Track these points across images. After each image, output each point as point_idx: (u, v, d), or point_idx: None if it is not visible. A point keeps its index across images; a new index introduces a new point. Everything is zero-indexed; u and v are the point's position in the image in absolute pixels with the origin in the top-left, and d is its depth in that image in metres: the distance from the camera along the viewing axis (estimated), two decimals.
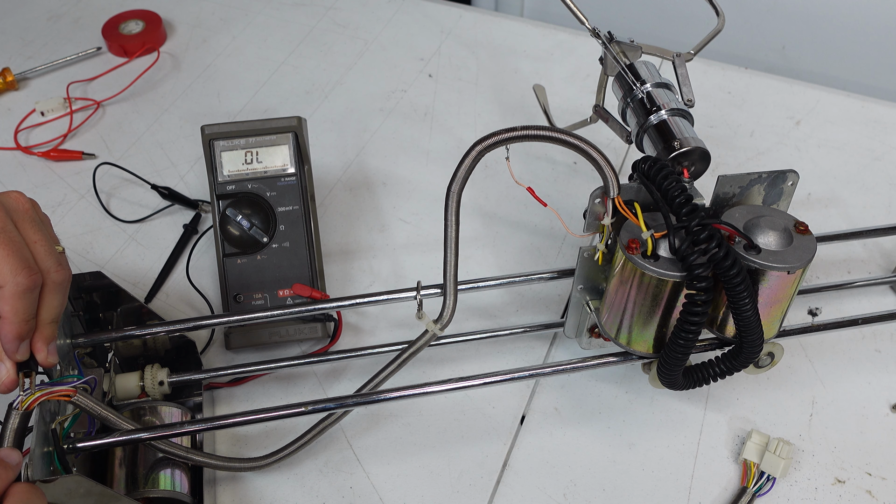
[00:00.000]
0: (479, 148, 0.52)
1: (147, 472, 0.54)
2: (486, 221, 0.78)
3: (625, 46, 0.66)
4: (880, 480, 0.61)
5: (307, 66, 0.95)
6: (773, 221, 0.53)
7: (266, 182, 0.67)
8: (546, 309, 0.71)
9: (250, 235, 0.66)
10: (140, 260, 0.74)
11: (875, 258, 0.76)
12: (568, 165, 0.84)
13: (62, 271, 0.49)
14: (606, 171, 0.51)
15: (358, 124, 0.88)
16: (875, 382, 0.66)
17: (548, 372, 0.58)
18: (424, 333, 0.58)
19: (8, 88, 0.91)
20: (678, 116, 0.61)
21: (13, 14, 1.02)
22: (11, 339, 0.47)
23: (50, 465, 0.48)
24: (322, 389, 0.65)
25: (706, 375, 0.56)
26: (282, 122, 0.67)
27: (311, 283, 0.66)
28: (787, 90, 0.93)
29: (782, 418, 0.64)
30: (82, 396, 0.49)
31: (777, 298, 0.53)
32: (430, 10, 1.03)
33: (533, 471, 0.61)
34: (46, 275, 0.48)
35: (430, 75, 0.94)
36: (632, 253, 0.51)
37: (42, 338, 0.48)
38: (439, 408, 0.64)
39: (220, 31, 1.00)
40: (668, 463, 0.61)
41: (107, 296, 0.61)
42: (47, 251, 0.48)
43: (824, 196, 0.81)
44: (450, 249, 0.55)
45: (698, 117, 0.69)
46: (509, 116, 0.89)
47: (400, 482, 0.60)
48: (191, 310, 0.70)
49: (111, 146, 0.85)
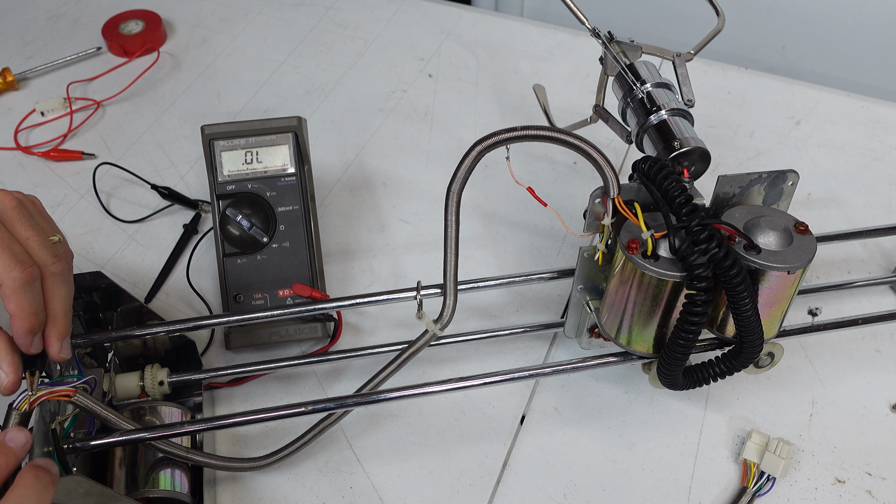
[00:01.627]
0: (479, 148, 0.52)
1: (147, 472, 0.54)
2: (486, 221, 0.78)
3: (625, 46, 0.66)
4: (880, 480, 0.61)
5: (307, 66, 0.95)
6: (773, 221, 0.53)
7: (266, 182, 0.67)
8: (546, 309, 0.71)
9: (250, 235, 0.66)
10: (140, 260, 0.74)
11: (875, 258, 0.76)
12: (568, 165, 0.84)
13: (59, 262, 0.49)
14: (606, 171, 0.51)
15: (358, 124, 0.88)
16: (875, 382, 0.66)
17: (548, 372, 0.58)
18: (424, 333, 0.58)
19: (8, 88, 0.91)
20: (678, 116, 0.61)
21: (13, 14, 1.02)
22: (23, 335, 0.47)
23: None
24: (322, 389, 0.65)
25: (706, 375, 0.56)
26: (282, 122, 0.67)
27: (311, 283, 0.66)
28: (787, 90, 0.93)
29: (782, 418, 0.64)
30: (82, 396, 0.49)
31: (777, 298, 0.53)
32: (430, 10, 1.03)
33: (533, 471, 0.61)
34: (45, 268, 0.48)
35: (430, 75, 0.94)
36: (632, 253, 0.51)
37: (55, 332, 0.48)
38: (439, 408, 0.64)
39: (220, 31, 1.00)
40: (668, 463, 0.61)
41: (107, 296, 0.61)
42: (41, 245, 0.48)
43: (824, 196, 0.81)
44: (450, 249, 0.55)
45: (698, 117, 0.69)
46: (509, 116, 0.89)
47: (400, 482, 0.60)
48: (191, 310, 0.70)
49: (111, 146, 0.85)
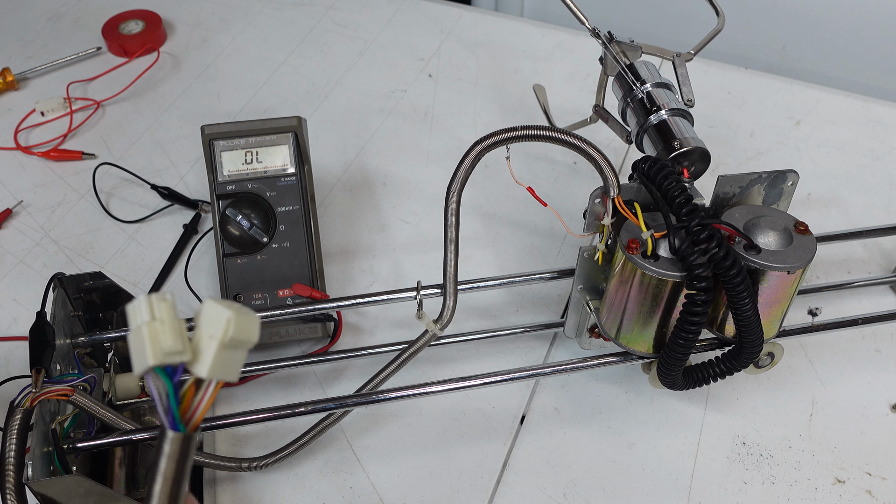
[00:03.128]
0: (479, 148, 0.52)
1: (147, 472, 0.54)
2: (486, 221, 0.78)
3: (625, 46, 0.66)
4: (880, 480, 0.61)
5: (307, 66, 0.95)
6: (773, 221, 0.53)
7: (266, 182, 0.67)
8: (546, 309, 0.71)
9: (250, 235, 0.66)
10: (140, 260, 0.74)
11: (875, 258, 0.76)
12: (568, 165, 0.84)
13: None
14: (606, 171, 0.51)
15: (358, 124, 0.88)
16: (875, 382, 0.66)
17: (548, 372, 0.58)
18: (424, 333, 0.57)
19: (8, 88, 0.91)
20: (678, 116, 0.61)
21: (13, 14, 1.02)
22: None
23: (50, 465, 0.48)
24: (322, 389, 0.65)
25: (706, 375, 0.56)
26: (282, 122, 0.67)
27: (311, 283, 0.66)
28: (787, 90, 0.93)
29: (782, 418, 0.64)
30: (81, 396, 0.49)
31: (777, 298, 0.53)
32: (430, 10, 1.03)
33: (533, 471, 0.61)
34: None
35: (430, 75, 0.94)
36: (632, 253, 0.51)
37: None
38: (439, 408, 0.64)
39: (220, 31, 1.00)
40: (668, 463, 0.61)
41: (107, 296, 0.61)
42: None
43: (824, 196, 0.81)
44: (450, 249, 0.55)
45: (698, 117, 0.69)
46: (509, 116, 0.89)
47: (400, 482, 0.60)
48: (191, 310, 0.70)
49: (111, 146, 0.85)
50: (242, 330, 0.31)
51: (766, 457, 0.62)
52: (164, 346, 0.30)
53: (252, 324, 0.32)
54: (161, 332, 0.30)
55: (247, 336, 0.32)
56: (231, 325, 0.31)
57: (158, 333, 0.30)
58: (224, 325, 0.31)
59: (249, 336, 0.32)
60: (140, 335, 0.30)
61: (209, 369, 0.31)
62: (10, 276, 0.73)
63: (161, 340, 0.30)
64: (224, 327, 0.31)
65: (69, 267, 0.73)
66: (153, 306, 0.31)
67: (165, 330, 0.31)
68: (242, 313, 0.31)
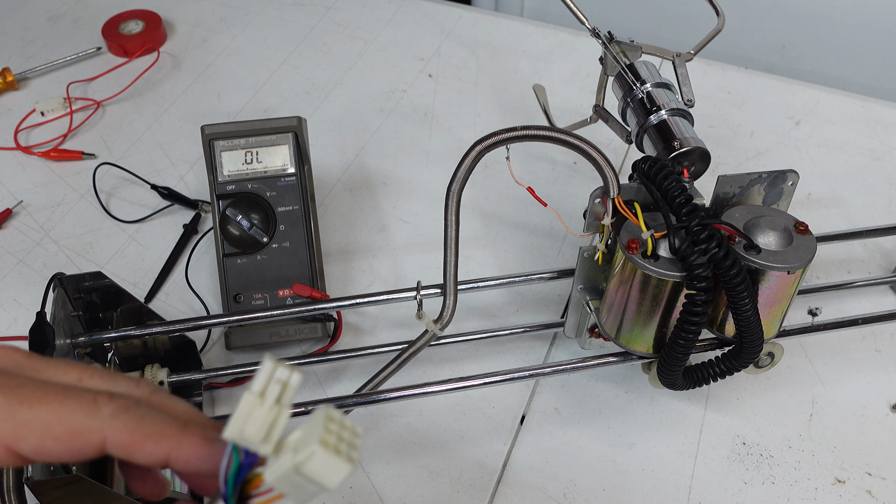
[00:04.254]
0: (479, 148, 0.52)
1: None
2: (486, 221, 0.78)
3: (625, 46, 0.66)
4: (880, 480, 0.61)
5: (307, 66, 0.95)
6: (773, 221, 0.53)
7: (266, 182, 0.67)
8: (546, 309, 0.71)
9: (250, 235, 0.66)
10: (140, 260, 0.74)
11: (875, 258, 0.76)
12: (568, 165, 0.84)
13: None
14: (606, 171, 0.51)
15: (358, 124, 0.88)
16: (875, 382, 0.66)
17: (548, 372, 0.58)
18: (424, 333, 0.57)
19: (8, 88, 0.91)
20: (678, 116, 0.61)
21: (13, 14, 1.02)
22: None
23: (50, 464, 0.48)
24: (322, 389, 0.65)
25: (706, 375, 0.56)
26: (282, 122, 0.67)
27: (311, 283, 0.66)
28: (787, 90, 0.93)
29: (782, 418, 0.64)
30: None
31: (777, 298, 0.53)
32: (430, 10, 1.03)
33: (533, 471, 0.61)
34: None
35: (430, 75, 0.94)
36: (632, 253, 0.51)
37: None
38: (439, 408, 0.64)
39: (220, 31, 1.00)
40: (668, 463, 0.61)
41: (107, 296, 0.61)
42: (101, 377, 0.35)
43: (824, 196, 0.81)
44: (450, 249, 0.55)
45: (698, 117, 0.69)
46: (509, 116, 0.89)
47: (400, 482, 0.60)
48: (191, 310, 0.70)
49: (111, 146, 0.85)
50: (318, 472, 0.28)
51: (766, 457, 0.62)
52: (246, 429, 0.28)
53: (334, 472, 0.28)
54: (255, 413, 0.28)
55: (321, 480, 0.28)
56: (309, 459, 0.28)
57: (252, 413, 0.28)
58: (303, 455, 0.28)
59: (324, 482, 0.28)
60: (240, 402, 0.28)
61: (273, 478, 0.28)
62: (10, 276, 0.73)
63: (248, 421, 0.28)
64: (303, 457, 0.28)
65: (69, 267, 0.73)
66: (270, 379, 0.29)
67: (260, 414, 0.29)
68: (329, 453, 0.28)
